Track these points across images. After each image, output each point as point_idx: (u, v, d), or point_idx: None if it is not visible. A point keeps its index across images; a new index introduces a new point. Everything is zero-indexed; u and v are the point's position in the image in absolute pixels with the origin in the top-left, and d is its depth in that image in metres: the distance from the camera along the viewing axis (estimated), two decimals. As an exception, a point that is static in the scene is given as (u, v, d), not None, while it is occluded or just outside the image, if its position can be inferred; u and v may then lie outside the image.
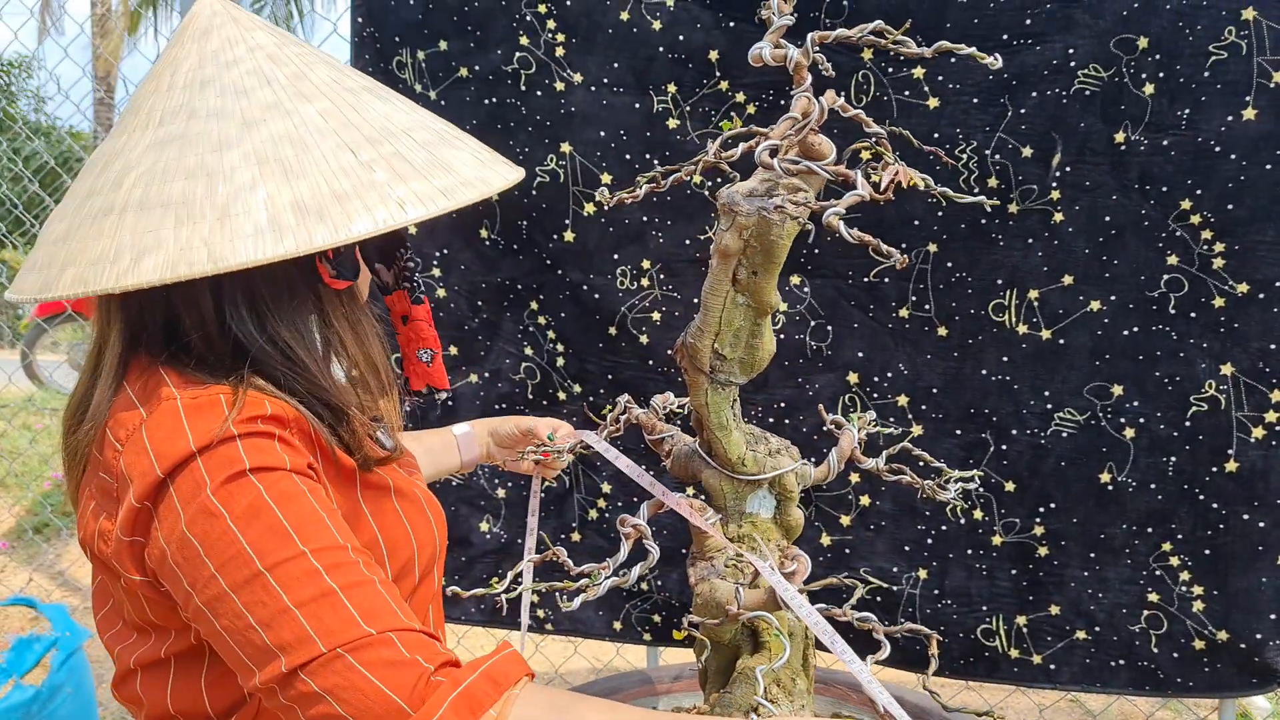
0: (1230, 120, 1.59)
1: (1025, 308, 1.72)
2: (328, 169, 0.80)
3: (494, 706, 0.72)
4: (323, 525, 0.77)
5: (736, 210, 0.93)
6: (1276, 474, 1.65)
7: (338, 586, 0.74)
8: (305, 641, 0.72)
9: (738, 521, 1.01)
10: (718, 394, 0.98)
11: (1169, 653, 1.73)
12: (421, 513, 0.96)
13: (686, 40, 1.77)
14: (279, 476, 0.78)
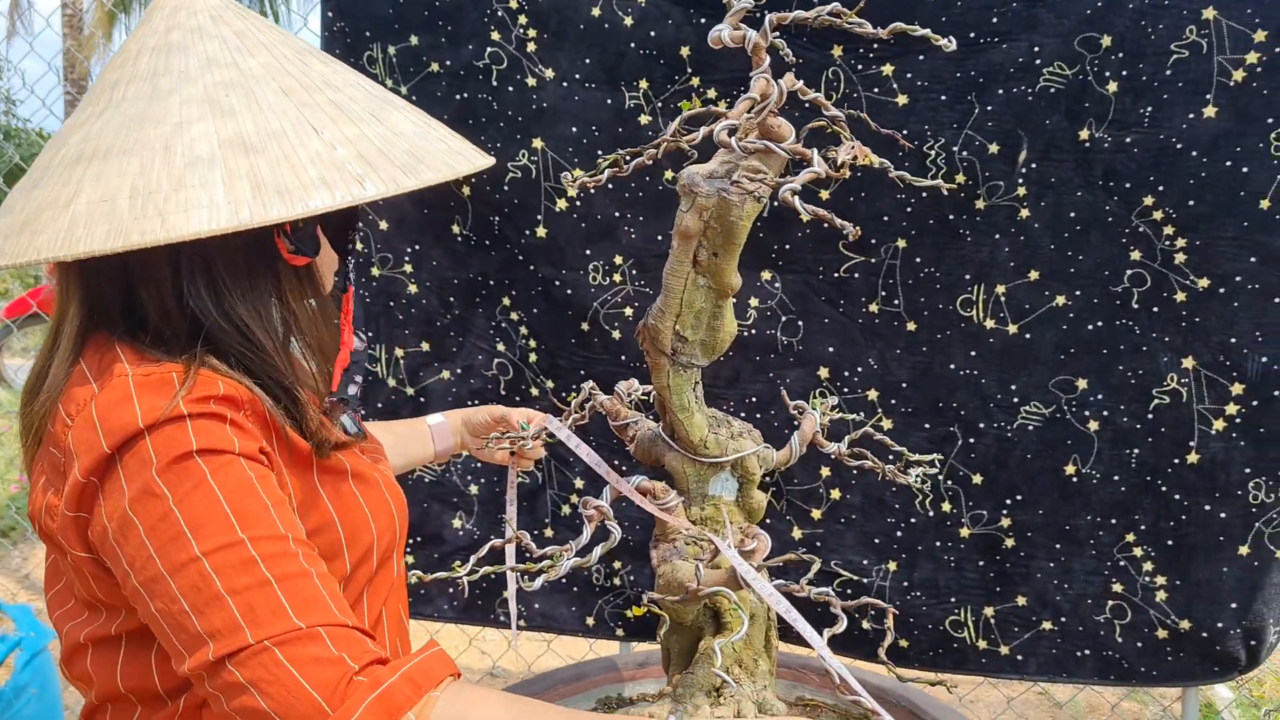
0: (1192, 118, 1.62)
1: (992, 303, 1.74)
2: (288, 143, 0.80)
3: (413, 709, 0.71)
4: (265, 513, 0.77)
5: (696, 191, 0.94)
6: (1237, 465, 1.68)
7: (273, 577, 0.74)
8: (234, 630, 0.72)
9: (700, 504, 1.02)
10: (679, 376, 0.99)
11: (1133, 642, 1.75)
12: (381, 498, 0.95)
13: (658, 36, 1.77)
14: (226, 460, 0.78)
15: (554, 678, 1.26)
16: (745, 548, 0.90)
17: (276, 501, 0.79)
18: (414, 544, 1.99)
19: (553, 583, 1.99)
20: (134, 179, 0.77)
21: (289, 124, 0.81)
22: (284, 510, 0.79)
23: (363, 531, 0.91)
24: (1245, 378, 1.66)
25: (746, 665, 0.99)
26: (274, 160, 0.79)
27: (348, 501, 0.91)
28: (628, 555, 1.94)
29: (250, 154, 0.79)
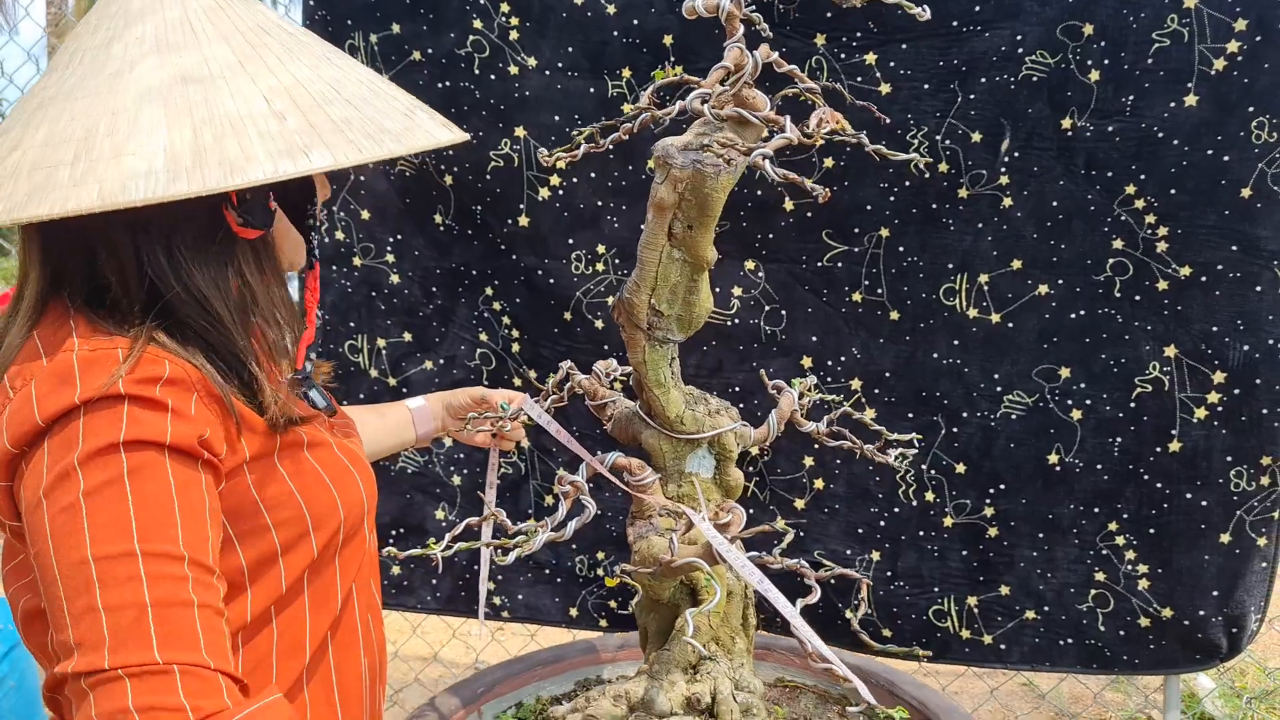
0: (1173, 107, 1.62)
1: (975, 292, 1.74)
2: (234, 112, 0.79)
3: None
4: (170, 528, 0.74)
5: (670, 162, 0.93)
6: (1218, 454, 1.69)
7: (150, 600, 0.71)
8: (97, 648, 0.70)
9: (677, 481, 1.02)
10: (655, 351, 0.98)
11: (1116, 631, 1.76)
12: (344, 469, 0.94)
13: (641, 25, 1.76)
14: (149, 459, 0.75)
15: (534, 659, 1.26)
16: (720, 521, 0.90)
17: (190, 514, 0.76)
18: (396, 535, 1.98)
19: (536, 574, 2.00)
20: (78, 144, 0.76)
21: (239, 90, 0.80)
22: (194, 525, 0.76)
23: (327, 504, 0.90)
24: (1227, 366, 1.67)
25: (724, 643, 0.98)
26: (219, 129, 0.78)
27: (308, 474, 0.89)
28: (611, 546, 1.93)
29: (196, 123, 0.78)
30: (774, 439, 1.10)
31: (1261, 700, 2.35)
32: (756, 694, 0.95)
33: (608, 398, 1.08)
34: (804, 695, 1.17)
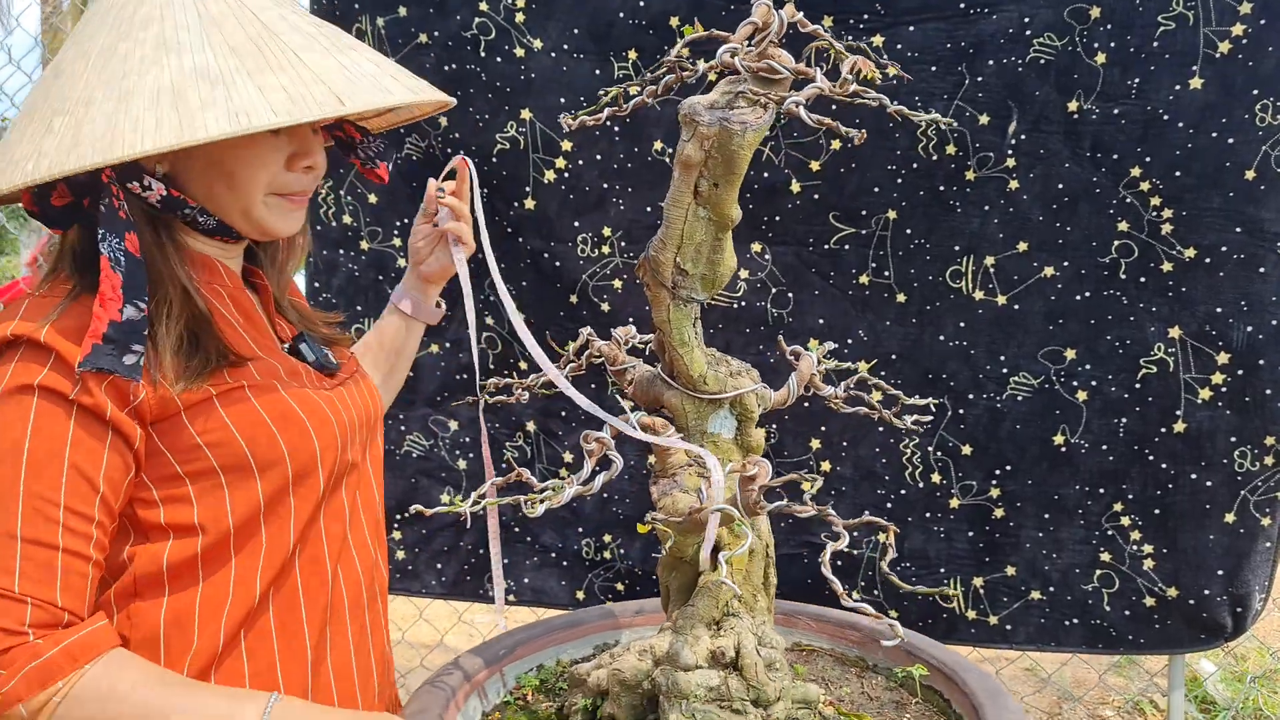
0: (1178, 89, 1.63)
1: (982, 274, 1.75)
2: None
3: (63, 679, 0.81)
4: (57, 477, 0.84)
5: (698, 120, 0.93)
6: (1222, 434, 1.70)
7: (22, 536, 0.82)
8: None
9: (699, 441, 1.02)
10: (679, 310, 0.99)
11: (1121, 611, 1.77)
12: (292, 416, 0.97)
13: (647, 6, 1.76)
14: (54, 410, 0.85)
15: (552, 624, 1.26)
16: (747, 473, 0.90)
17: (81, 468, 0.85)
18: (402, 519, 1.98)
19: (543, 557, 1.99)
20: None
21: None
22: (81, 481, 0.85)
23: (269, 445, 0.95)
24: (1231, 347, 1.68)
25: (746, 600, 0.99)
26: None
27: (249, 417, 0.94)
28: (618, 529, 1.93)
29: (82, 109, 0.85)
30: (793, 401, 1.10)
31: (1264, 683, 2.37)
32: (779, 650, 0.95)
33: (627, 363, 1.08)
34: (820, 657, 1.18)
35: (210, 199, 0.98)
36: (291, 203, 1.02)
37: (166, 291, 0.93)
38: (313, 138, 1.02)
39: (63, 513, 0.84)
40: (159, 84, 0.84)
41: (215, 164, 0.96)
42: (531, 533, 1.96)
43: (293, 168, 1.00)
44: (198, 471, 0.93)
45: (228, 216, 1.00)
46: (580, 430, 1.94)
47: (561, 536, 1.95)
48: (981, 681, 1.04)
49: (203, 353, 0.93)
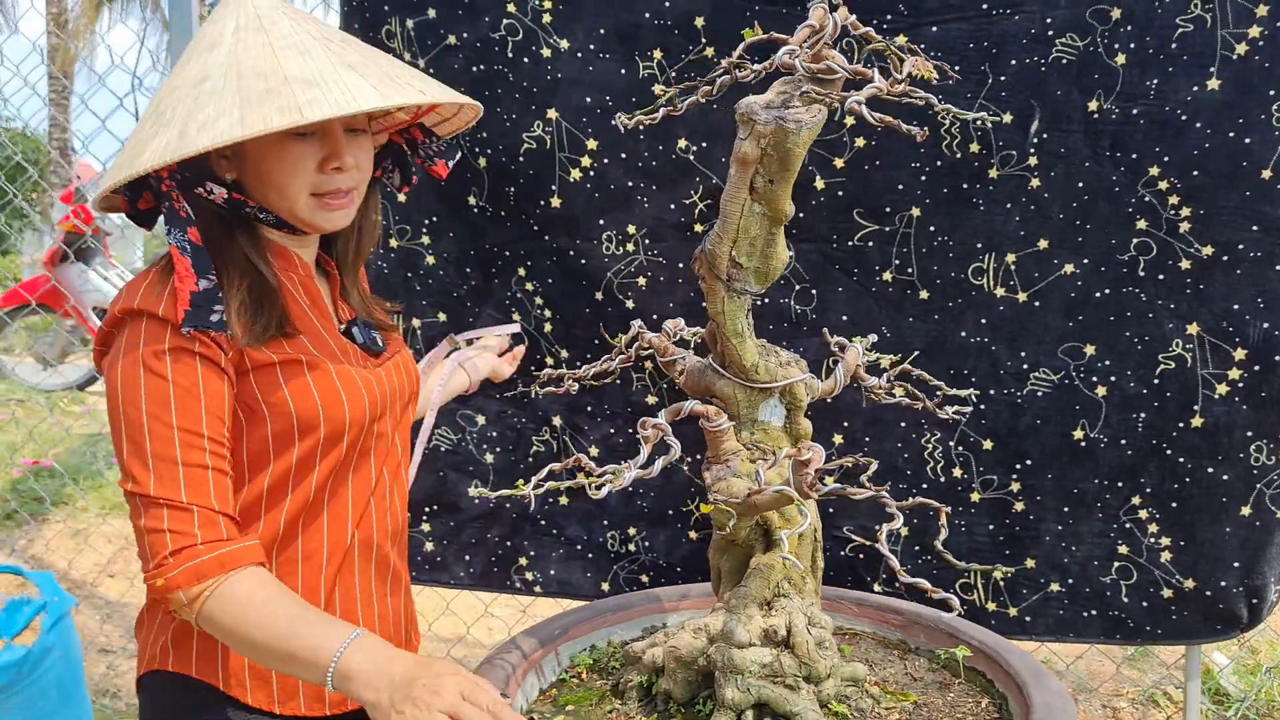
0: (1196, 90, 1.66)
1: (1003, 271, 1.78)
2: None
3: (213, 579, 1.01)
4: (196, 412, 1.04)
5: (755, 119, 0.97)
6: (1239, 429, 1.73)
7: (181, 460, 1.03)
8: (144, 479, 1.02)
9: (750, 429, 1.05)
10: (733, 301, 1.02)
11: (1139, 602, 1.80)
12: (334, 391, 1.12)
13: (672, 7, 1.79)
14: (186, 362, 1.04)
15: (601, 607, 1.30)
16: (802, 457, 0.93)
17: (211, 404, 1.05)
18: (431, 511, 2.01)
19: (569, 549, 2.03)
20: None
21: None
22: (214, 414, 1.06)
23: (310, 412, 1.11)
24: (1247, 343, 1.71)
25: (795, 582, 1.02)
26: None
27: (300, 388, 1.11)
28: (643, 522, 1.96)
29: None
30: (839, 391, 1.13)
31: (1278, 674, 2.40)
32: (827, 630, 0.98)
33: (676, 354, 1.12)
34: (863, 640, 1.21)
35: (265, 200, 1.14)
36: (326, 204, 1.13)
37: (229, 269, 1.10)
38: (341, 142, 1.13)
39: (205, 440, 1.04)
40: (178, 108, 1.04)
41: (262, 172, 1.11)
42: (558, 525, 1.99)
43: (324, 170, 1.12)
44: (254, 424, 1.10)
45: (281, 214, 1.14)
46: (605, 426, 1.98)
47: (587, 530, 1.98)
48: (1024, 661, 1.07)
49: (264, 318, 1.09)
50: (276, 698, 1.14)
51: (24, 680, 1.75)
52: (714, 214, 1.85)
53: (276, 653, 1.00)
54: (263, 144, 1.08)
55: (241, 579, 1.02)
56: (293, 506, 1.13)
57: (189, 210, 1.07)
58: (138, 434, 1.03)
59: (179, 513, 1.02)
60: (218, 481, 1.05)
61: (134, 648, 2.92)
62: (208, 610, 1.01)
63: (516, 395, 1.98)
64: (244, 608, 1.01)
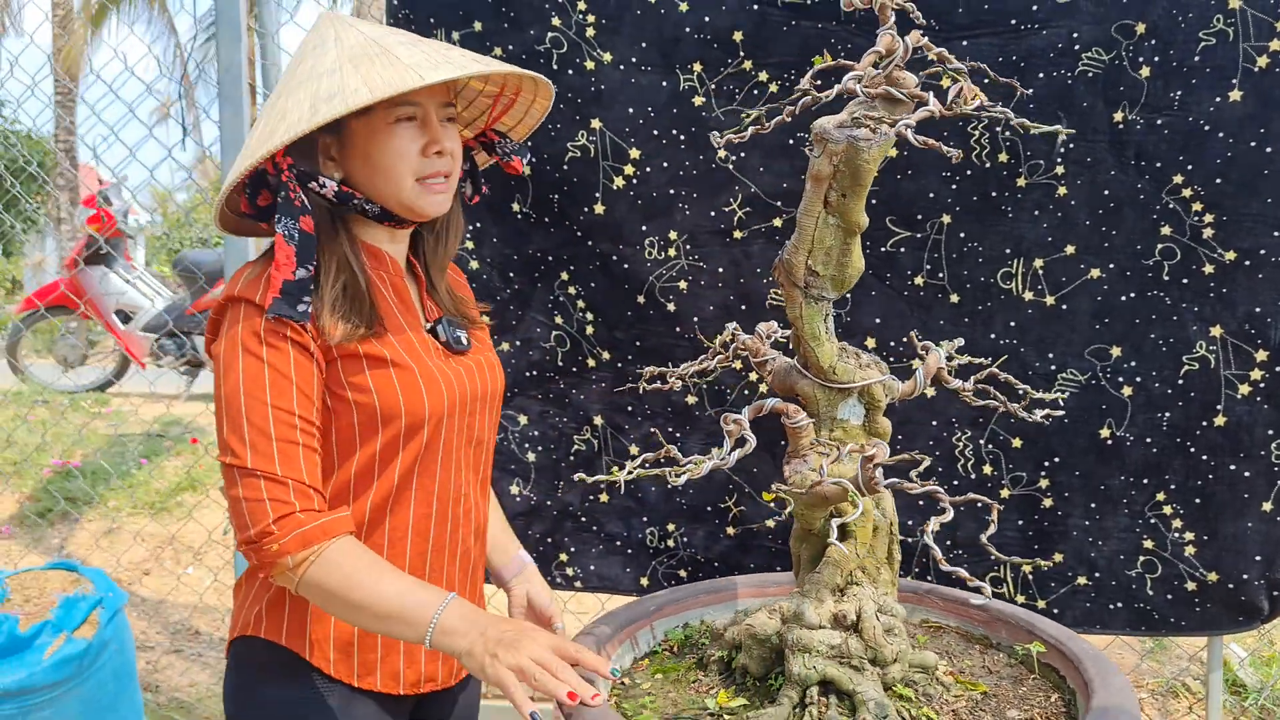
0: (1219, 101, 1.73)
1: (1031, 276, 1.84)
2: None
3: (318, 545, 1.09)
4: (288, 393, 1.12)
5: (828, 138, 1.03)
6: (1261, 428, 1.79)
7: (275, 436, 1.11)
8: (242, 451, 1.10)
9: (829, 427, 1.12)
10: (811, 307, 1.09)
11: (1163, 595, 1.86)
12: (415, 386, 1.20)
13: (712, 21, 1.86)
14: (279, 347, 1.13)
15: (697, 589, 1.41)
16: (866, 453, 1.00)
17: (302, 387, 1.13)
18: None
19: (608, 545, 2.09)
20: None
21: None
22: (305, 396, 1.14)
23: (392, 403, 1.19)
24: (1269, 345, 1.77)
25: (869, 572, 1.08)
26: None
27: (384, 381, 1.18)
28: (681, 518, 2.02)
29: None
30: (919, 392, 1.20)
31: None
32: (898, 618, 1.04)
33: (769, 355, 1.18)
34: (947, 634, 1.27)
35: (372, 190, 1.21)
36: (430, 187, 1.21)
37: (329, 262, 1.18)
38: (439, 129, 1.21)
39: (297, 419, 1.12)
40: (292, 98, 1.13)
41: (370, 160, 1.19)
42: (598, 523, 2.05)
43: (426, 154, 1.20)
44: (340, 410, 1.18)
45: (386, 203, 1.21)
46: (646, 425, 2.04)
47: (626, 526, 2.05)
48: (1094, 660, 1.13)
49: (356, 314, 1.17)
50: (356, 671, 1.22)
51: (85, 672, 1.82)
52: (752, 220, 1.92)
53: (378, 612, 1.08)
54: (372, 132, 1.17)
55: (342, 546, 1.11)
56: (378, 495, 1.20)
57: (304, 200, 1.15)
58: (235, 411, 1.11)
59: (275, 484, 1.09)
60: (309, 458, 1.13)
61: (170, 644, 2.99)
62: (312, 574, 1.09)
63: (558, 395, 2.05)
64: (348, 572, 1.09)
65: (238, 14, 2.16)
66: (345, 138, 1.19)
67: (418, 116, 1.18)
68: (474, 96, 1.39)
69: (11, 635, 1.74)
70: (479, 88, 1.38)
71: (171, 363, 5.71)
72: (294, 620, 1.21)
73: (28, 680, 1.70)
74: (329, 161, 1.21)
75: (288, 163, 1.15)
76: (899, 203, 1.86)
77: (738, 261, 1.93)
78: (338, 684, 1.22)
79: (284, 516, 1.09)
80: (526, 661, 1.00)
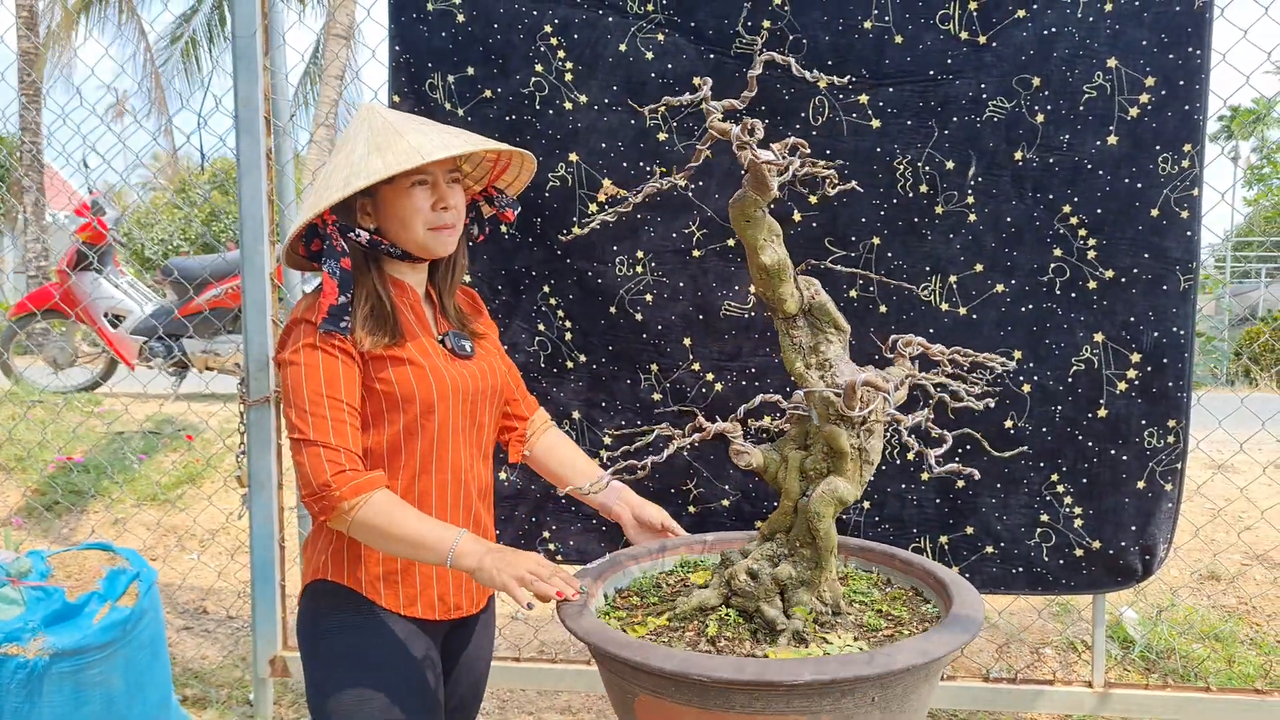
0: (1099, 144, 2.06)
1: (947, 290, 2.16)
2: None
3: (365, 494, 1.41)
4: (337, 385, 1.45)
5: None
6: (1136, 419, 2.12)
7: (329, 416, 1.44)
8: (305, 428, 1.43)
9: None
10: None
11: (1056, 560, 2.19)
12: (425, 379, 1.53)
13: (675, 68, 2.16)
14: (327, 354, 1.47)
15: (689, 539, 1.73)
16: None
17: (347, 381, 1.47)
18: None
19: (585, 524, 2.38)
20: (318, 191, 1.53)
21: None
22: (350, 387, 1.47)
23: (408, 391, 1.52)
24: (1142, 349, 2.10)
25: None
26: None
27: (402, 374, 1.52)
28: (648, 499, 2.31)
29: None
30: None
31: (1170, 620, 2.81)
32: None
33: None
34: (871, 572, 1.59)
35: (396, 236, 1.55)
36: (439, 234, 1.56)
37: (361, 291, 1.54)
38: (445, 189, 1.56)
39: (345, 406, 1.45)
40: (335, 175, 1.47)
41: (394, 214, 1.54)
42: (576, 504, 2.34)
43: (435, 209, 1.55)
44: (371, 397, 1.52)
45: (406, 246, 1.56)
46: (618, 419, 2.33)
47: (601, 507, 2.34)
48: (956, 583, 1.46)
49: (381, 328, 1.52)
50: (402, 602, 1.55)
51: (128, 636, 2.08)
52: (709, 240, 2.22)
53: (412, 542, 1.40)
54: (395, 193, 1.51)
55: (382, 494, 1.43)
56: (407, 465, 1.55)
57: (343, 245, 1.51)
58: (300, 399, 1.44)
59: (331, 450, 1.42)
60: (354, 433, 1.46)
61: (179, 622, 3.23)
62: (362, 515, 1.40)
63: (540, 394, 2.33)
64: (388, 513, 1.41)
65: (255, 54, 2.43)
66: (377, 200, 1.53)
67: (429, 181, 1.53)
68: (479, 160, 1.73)
69: (63, 604, 1.99)
70: (482, 154, 1.70)
71: (161, 365, 5.91)
72: (351, 564, 1.54)
73: (82, 641, 1.96)
74: (365, 216, 1.55)
75: (332, 219, 1.49)
76: (836, 226, 2.16)
77: (696, 276, 2.23)
78: (389, 613, 1.55)
79: (339, 473, 1.41)
80: (523, 573, 1.35)
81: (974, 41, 2.08)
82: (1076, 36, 2.05)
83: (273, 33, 2.49)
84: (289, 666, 2.56)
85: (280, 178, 2.52)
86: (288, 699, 2.84)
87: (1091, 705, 2.35)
